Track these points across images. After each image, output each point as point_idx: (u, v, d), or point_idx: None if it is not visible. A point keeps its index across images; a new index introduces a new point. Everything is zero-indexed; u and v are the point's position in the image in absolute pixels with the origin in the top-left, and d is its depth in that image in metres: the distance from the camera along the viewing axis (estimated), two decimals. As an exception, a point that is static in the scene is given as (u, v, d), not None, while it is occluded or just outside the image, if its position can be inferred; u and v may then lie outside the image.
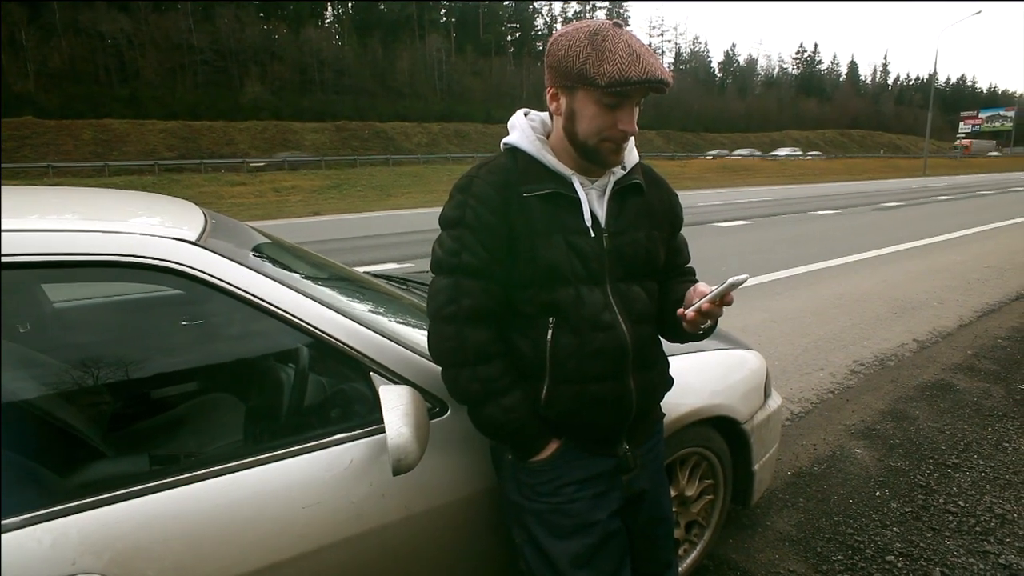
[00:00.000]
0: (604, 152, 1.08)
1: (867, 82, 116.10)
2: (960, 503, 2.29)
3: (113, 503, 0.97)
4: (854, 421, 3.02)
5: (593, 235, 1.11)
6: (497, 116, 54.84)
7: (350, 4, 72.17)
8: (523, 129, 1.15)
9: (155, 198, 1.56)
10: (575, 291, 1.10)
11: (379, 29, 67.28)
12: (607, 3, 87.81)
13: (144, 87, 49.20)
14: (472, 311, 1.08)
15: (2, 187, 1.34)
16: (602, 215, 1.13)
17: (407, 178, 25.17)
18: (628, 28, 1.04)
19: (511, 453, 1.18)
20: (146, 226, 1.12)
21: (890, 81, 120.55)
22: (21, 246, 0.99)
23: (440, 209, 1.14)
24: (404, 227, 11.59)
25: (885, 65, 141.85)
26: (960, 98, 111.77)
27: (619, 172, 1.16)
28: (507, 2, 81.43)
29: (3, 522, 0.90)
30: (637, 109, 1.08)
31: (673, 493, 1.71)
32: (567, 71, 1.03)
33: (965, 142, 68.41)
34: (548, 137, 1.16)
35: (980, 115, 64.10)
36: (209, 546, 1.02)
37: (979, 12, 36.83)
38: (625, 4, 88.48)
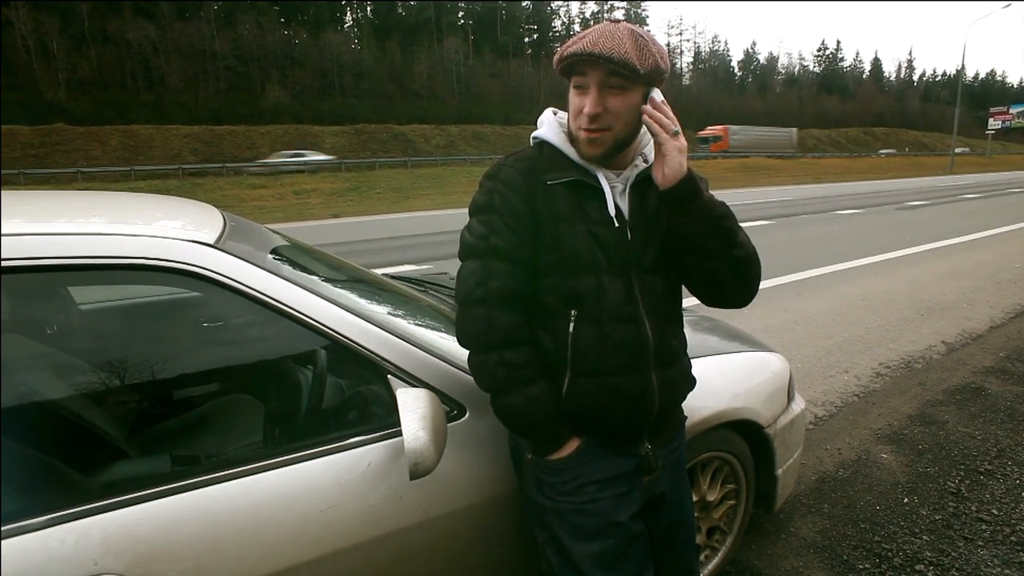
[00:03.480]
0: (581, 142, 1.10)
1: (891, 79, 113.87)
2: (994, 511, 2.22)
3: (134, 504, 0.98)
4: (880, 425, 2.95)
5: (617, 225, 1.11)
6: (515, 118, 54.88)
7: (369, 8, 72.91)
8: (551, 124, 1.17)
9: (176, 201, 1.58)
10: (597, 280, 1.10)
11: (397, 32, 67.83)
12: (625, 3, 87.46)
13: (169, 93, 50.21)
14: (501, 294, 1.09)
15: (33, 192, 1.37)
16: (625, 208, 1.14)
17: (425, 180, 25.32)
18: (624, 21, 1.07)
19: (531, 449, 1.17)
20: (166, 229, 1.13)
21: (915, 77, 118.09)
22: (43, 249, 1.01)
23: (456, 211, 1.15)
24: (422, 229, 11.65)
25: (910, 61, 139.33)
26: (989, 93, 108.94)
27: (641, 165, 1.16)
28: (525, 3, 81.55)
29: (28, 522, 0.91)
30: (615, 97, 1.05)
31: (695, 498, 1.68)
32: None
33: (717, 130, 49.21)
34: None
35: (1011, 110, 62.21)
36: (228, 548, 1.02)
37: (1008, 5, 35.90)
38: (643, 4, 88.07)
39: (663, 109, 1.07)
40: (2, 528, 0.89)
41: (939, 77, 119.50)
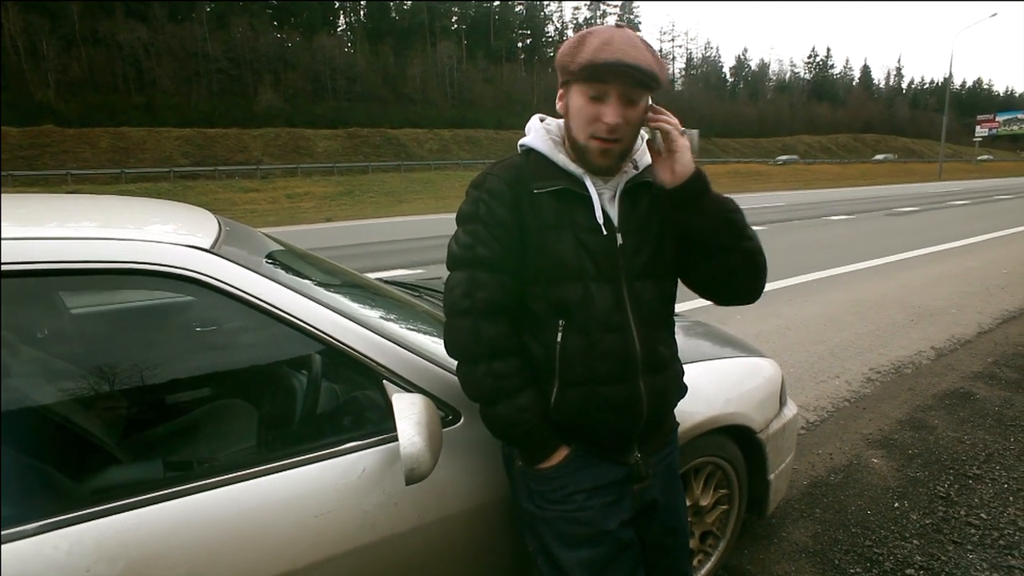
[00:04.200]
0: (592, 152, 1.08)
1: (880, 86, 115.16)
2: (983, 515, 2.24)
3: (127, 510, 0.97)
4: (871, 430, 2.97)
5: (605, 233, 1.11)
6: (508, 122, 55.00)
7: (362, 12, 72.95)
8: (537, 130, 1.17)
9: (170, 205, 1.58)
10: (584, 289, 1.10)
11: (391, 36, 67.94)
12: (617, 9, 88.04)
13: (160, 95, 49.97)
14: (488, 304, 1.09)
15: (24, 195, 1.36)
16: (614, 215, 1.13)
17: (418, 184, 25.32)
18: (627, 29, 1.07)
19: (520, 458, 1.17)
20: (161, 234, 1.13)
21: (904, 85, 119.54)
22: (39, 254, 1.00)
23: (449, 215, 1.15)
24: (416, 233, 11.64)
25: (899, 68, 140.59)
26: (976, 101, 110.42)
27: (631, 172, 1.16)
28: (518, 8, 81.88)
29: (21, 528, 0.90)
30: (631, 108, 1.05)
31: (688, 503, 1.68)
32: (560, 67, 1.08)
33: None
34: (564, 143, 1.16)
35: (997, 118, 63.03)
36: (222, 554, 1.02)
37: (995, 14, 36.52)
38: (635, 5, 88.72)
39: (662, 111, 1.10)
40: (1, 532, 0.88)
41: (927, 85, 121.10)
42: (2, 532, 0.89)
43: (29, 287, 1.13)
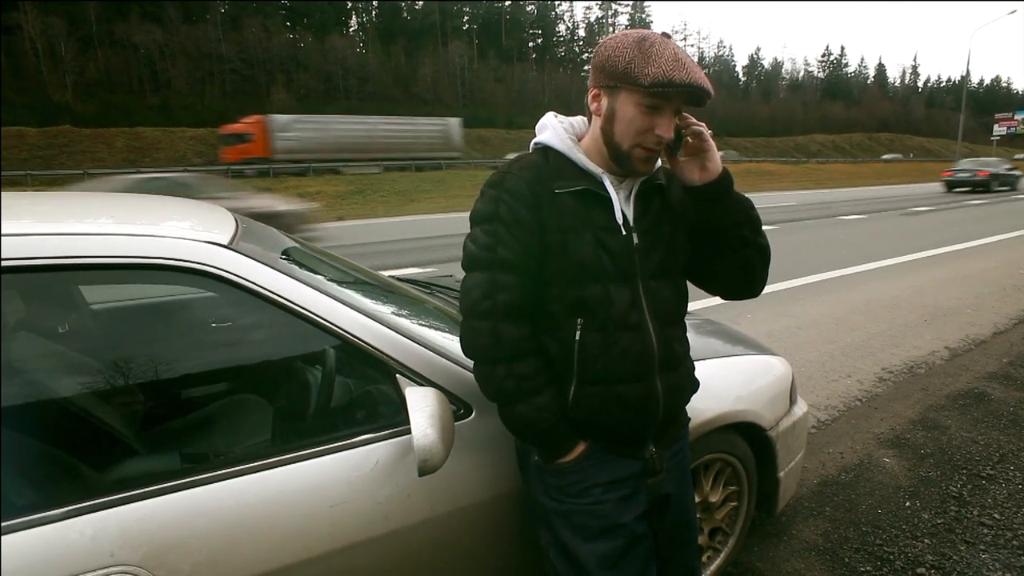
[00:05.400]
0: (635, 159, 1.09)
1: (896, 84, 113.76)
2: (996, 516, 2.22)
3: (148, 498, 1.00)
4: (883, 429, 2.95)
5: (624, 233, 1.12)
6: (519, 122, 54.93)
7: (374, 12, 73.27)
8: (555, 128, 1.17)
9: (187, 203, 1.61)
10: (603, 289, 1.11)
11: (402, 36, 68.18)
12: (629, 8, 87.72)
13: (175, 96, 50.53)
14: (508, 306, 1.09)
15: (42, 193, 1.39)
16: (629, 215, 1.15)
17: (429, 183, 25.36)
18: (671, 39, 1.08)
19: (538, 454, 1.19)
20: (179, 230, 1.16)
21: (920, 83, 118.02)
22: (60, 249, 1.03)
23: (460, 214, 1.16)
24: (427, 232, 11.68)
25: (915, 67, 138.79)
26: (994, 99, 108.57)
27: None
28: (530, 7, 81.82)
29: (46, 514, 0.93)
30: (676, 120, 1.09)
31: (697, 499, 1.69)
32: (612, 71, 1.05)
33: (248, 123, 31.75)
34: (579, 140, 1.18)
35: (1015, 116, 61.90)
36: (240, 542, 1.04)
37: (1014, 11, 35.88)
38: (647, 4, 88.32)
39: (687, 115, 1.13)
40: (2, 524, 0.91)
41: (944, 83, 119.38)
42: (22, 518, 0.92)
43: (50, 282, 1.17)
